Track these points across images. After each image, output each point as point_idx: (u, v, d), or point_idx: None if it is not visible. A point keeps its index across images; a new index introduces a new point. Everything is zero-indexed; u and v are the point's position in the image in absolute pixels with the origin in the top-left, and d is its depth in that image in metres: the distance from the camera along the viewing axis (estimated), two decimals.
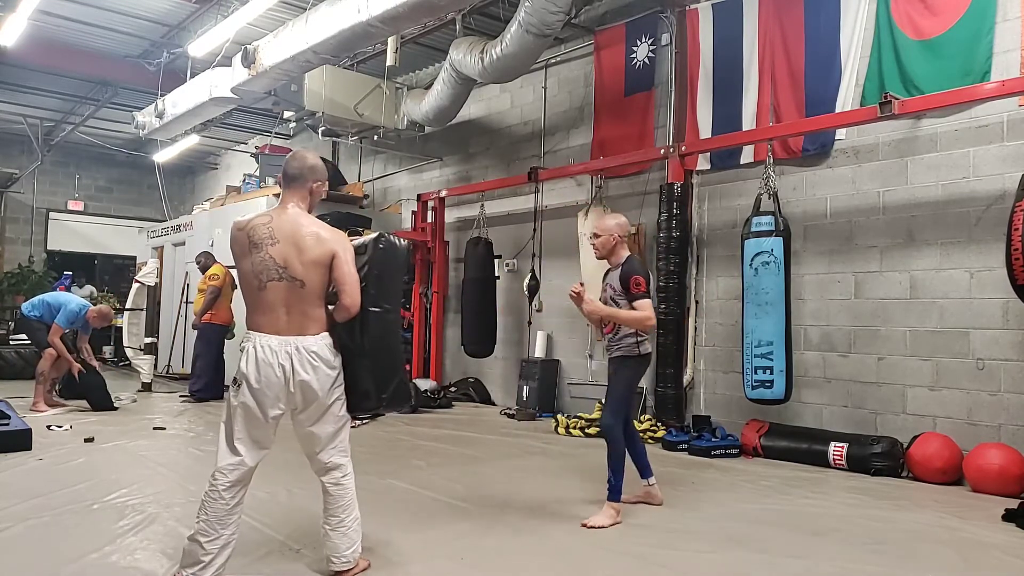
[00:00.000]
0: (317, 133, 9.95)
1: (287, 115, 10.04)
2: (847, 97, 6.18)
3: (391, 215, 10.84)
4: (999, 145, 5.42)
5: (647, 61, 7.82)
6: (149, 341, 9.72)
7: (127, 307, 10.17)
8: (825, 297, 6.33)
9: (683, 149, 6.95)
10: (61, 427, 6.53)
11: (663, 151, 7.10)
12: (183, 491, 4.46)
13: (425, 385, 8.84)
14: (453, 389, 9.33)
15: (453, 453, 5.99)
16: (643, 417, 6.92)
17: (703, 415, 6.75)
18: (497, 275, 9.10)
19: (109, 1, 8.61)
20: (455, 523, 3.98)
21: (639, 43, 7.89)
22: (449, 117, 9.03)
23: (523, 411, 8.01)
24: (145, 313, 9.95)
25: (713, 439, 6.17)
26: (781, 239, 5.73)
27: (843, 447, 5.65)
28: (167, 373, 11.12)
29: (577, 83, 8.66)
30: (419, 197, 10.00)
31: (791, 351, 5.77)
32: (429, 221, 9.81)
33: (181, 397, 8.82)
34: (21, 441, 5.50)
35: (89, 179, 16.12)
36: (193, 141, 12.27)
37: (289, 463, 4.35)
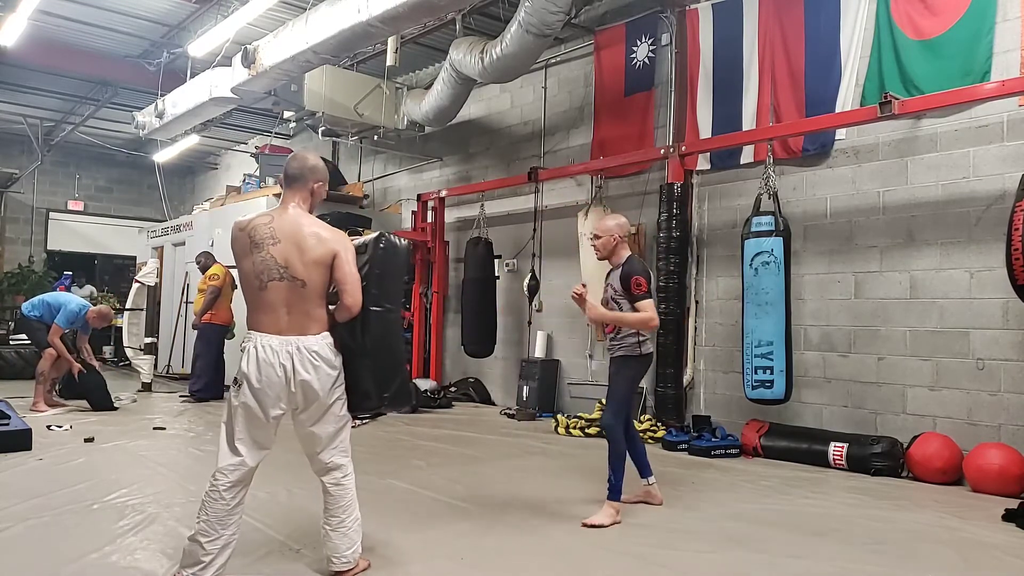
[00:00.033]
0: (317, 133, 9.95)
1: (287, 115, 10.04)
2: (847, 97, 6.19)
3: (391, 215, 10.84)
4: (999, 145, 5.42)
5: (647, 61, 7.82)
6: (149, 341, 9.72)
7: (127, 307, 10.17)
8: (825, 297, 6.33)
9: (683, 149, 6.95)
10: (61, 427, 6.53)
11: (663, 151, 7.10)
12: (183, 491, 4.46)
13: (425, 385, 8.84)
14: (453, 389, 9.33)
15: (453, 453, 6.00)
16: (643, 417, 6.92)
17: (703, 415, 6.75)
18: (497, 275, 9.10)
19: (109, 1, 8.61)
20: (455, 523, 3.98)
21: (639, 43, 7.90)
22: (449, 117, 9.04)
23: (523, 411, 8.01)
24: (145, 313, 9.95)
25: (713, 439, 6.17)
26: (781, 239, 5.74)
27: (843, 447, 5.66)
28: (167, 373, 11.12)
29: (577, 83, 8.66)
30: (419, 197, 10.00)
31: (791, 351, 5.78)
32: (429, 221, 9.81)
33: (181, 397, 8.82)
34: (21, 441, 5.50)
35: (89, 179, 16.12)
36: (193, 141, 12.27)
37: (289, 463, 4.35)
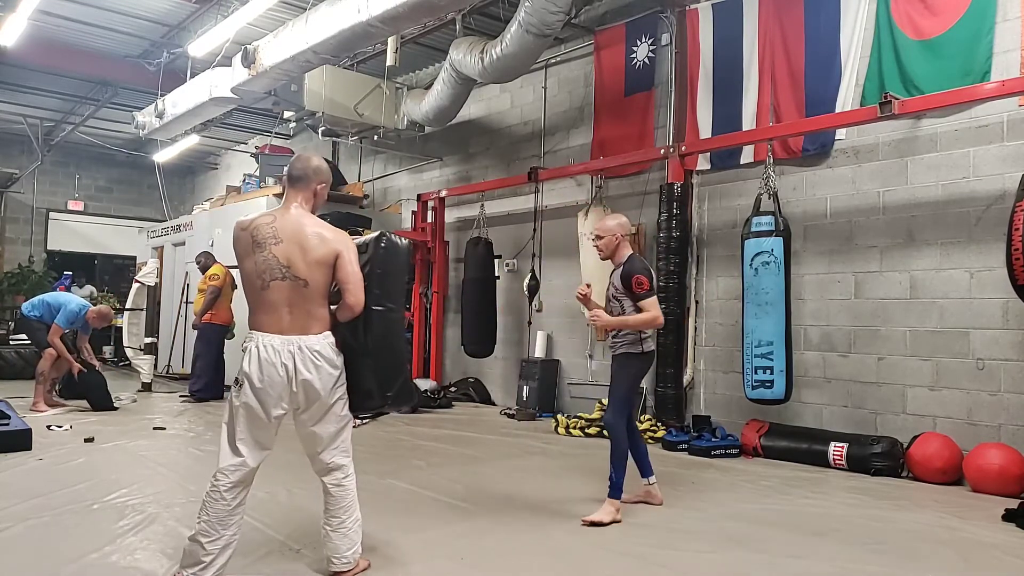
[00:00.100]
0: (317, 133, 9.95)
1: (287, 115, 10.04)
2: (847, 97, 6.19)
3: (391, 215, 10.83)
4: (999, 145, 5.42)
5: (647, 61, 7.82)
6: (149, 341, 9.72)
7: (127, 307, 10.17)
8: (825, 297, 6.33)
9: (683, 149, 6.95)
10: (61, 427, 6.53)
11: (663, 151, 7.10)
12: (183, 491, 4.47)
13: (425, 385, 8.84)
14: (453, 389, 9.33)
15: (453, 453, 6.00)
16: (643, 417, 6.92)
17: (703, 415, 6.75)
18: (497, 275, 9.10)
19: (109, 1, 8.61)
20: (455, 523, 3.98)
21: (639, 43, 7.90)
22: (449, 117, 9.03)
23: (523, 411, 8.01)
24: (145, 313, 9.95)
25: (713, 439, 6.17)
26: (781, 239, 5.74)
27: (843, 447, 5.66)
28: (167, 373, 11.12)
29: (577, 83, 8.66)
30: (419, 197, 10.00)
31: (791, 351, 5.78)
32: (429, 221, 9.81)
33: (181, 397, 8.82)
34: (21, 441, 5.50)
35: (89, 179, 16.12)
36: (193, 141, 12.27)
37: (289, 463, 4.35)
